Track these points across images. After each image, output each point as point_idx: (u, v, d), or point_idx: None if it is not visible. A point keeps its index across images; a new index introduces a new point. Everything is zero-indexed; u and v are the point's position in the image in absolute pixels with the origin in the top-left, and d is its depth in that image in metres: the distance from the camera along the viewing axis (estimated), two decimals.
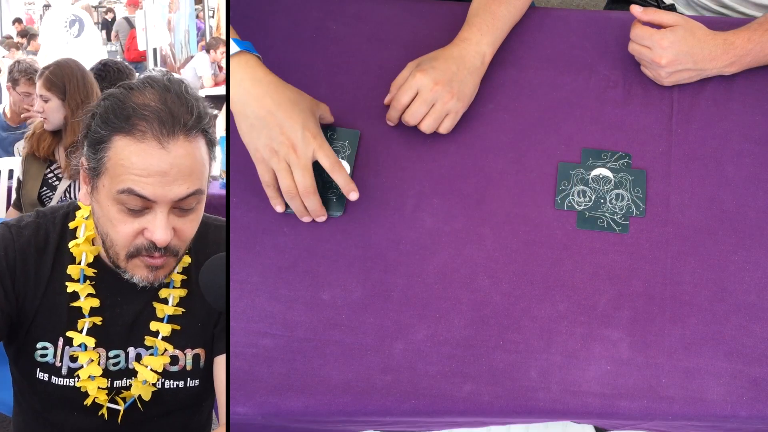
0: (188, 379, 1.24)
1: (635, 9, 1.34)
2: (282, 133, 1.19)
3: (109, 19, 11.52)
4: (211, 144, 1.12)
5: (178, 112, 1.07)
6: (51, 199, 2.62)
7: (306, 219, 1.28)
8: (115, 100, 1.09)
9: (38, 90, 2.63)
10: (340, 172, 1.23)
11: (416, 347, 1.21)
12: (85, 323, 1.19)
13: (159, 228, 1.08)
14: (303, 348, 1.22)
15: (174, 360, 1.22)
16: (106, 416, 1.21)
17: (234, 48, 1.19)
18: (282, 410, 1.19)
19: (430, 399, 1.18)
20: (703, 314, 1.22)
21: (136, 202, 1.07)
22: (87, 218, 1.20)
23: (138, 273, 1.13)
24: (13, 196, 2.83)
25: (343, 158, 1.30)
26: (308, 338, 1.23)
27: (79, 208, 1.22)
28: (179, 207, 1.09)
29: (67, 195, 2.61)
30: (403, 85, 1.30)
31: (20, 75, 3.32)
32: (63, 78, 2.60)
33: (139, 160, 1.06)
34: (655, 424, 1.20)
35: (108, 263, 1.19)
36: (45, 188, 2.64)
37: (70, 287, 1.18)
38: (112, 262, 1.14)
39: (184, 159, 1.07)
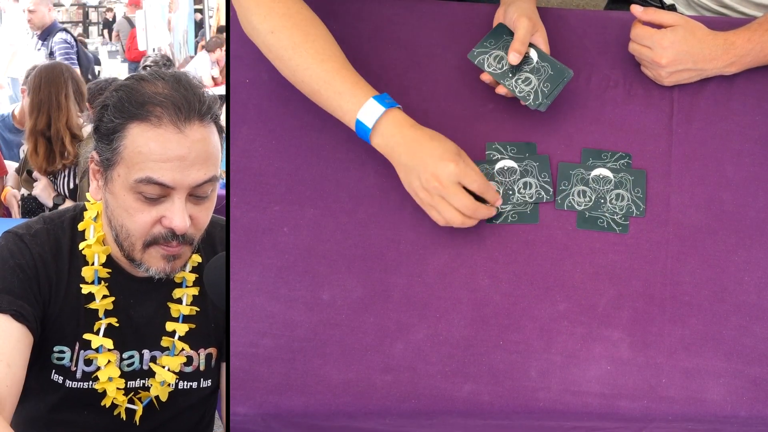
0: (201, 379, 1.24)
1: (636, 9, 1.34)
2: (426, 170, 1.19)
3: (110, 19, 11.52)
4: (221, 132, 1.14)
5: (191, 99, 1.09)
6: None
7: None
8: (127, 89, 1.11)
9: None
10: (489, 189, 1.23)
11: (416, 347, 1.21)
12: (101, 324, 1.19)
13: (177, 215, 1.09)
14: (303, 348, 1.22)
15: (188, 360, 1.23)
16: (123, 416, 1.21)
17: (380, 108, 1.22)
18: (282, 410, 1.19)
19: (430, 399, 1.18)
20: (703, 314, 1.22)
21: (154, 190, 1.08)
22: (95, 219, 1.20)
23: (154, 264, 1.13)
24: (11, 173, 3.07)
25: (546, 184, 1.31)
26: (308, 338, 1.23)
27: (85, 209, 1.22)
28: (195, 194, 1.11)
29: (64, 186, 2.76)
30: None
31: None
32: (31, 82, 2.86)
33: (157, 145, 1.07)
34: (655, 424, 1.20)
35: (120, 263, 1.20)
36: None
37: (85, 289, 1.18)
38: (127, 255, 1.14)
39: (201, 144, 1.09)
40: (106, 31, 10.77)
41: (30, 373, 1.24)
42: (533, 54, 1.32)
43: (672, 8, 1.64)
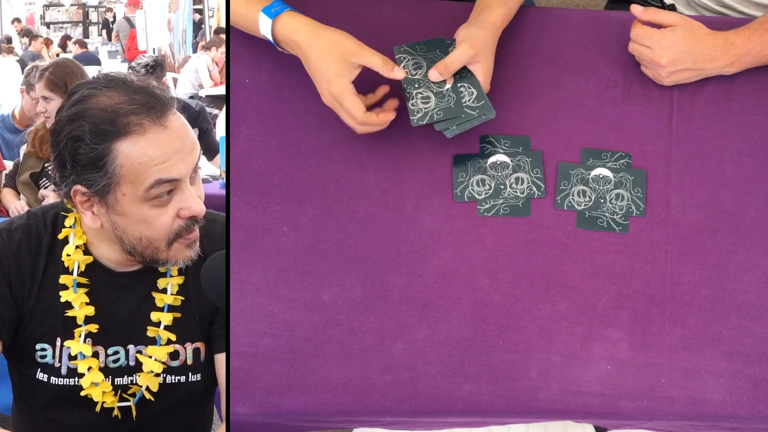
0: (189, 374, 1.24)
1: (635, 9, 1.34)
2: (322, 86, 1.26)
3: (110, 19, 11.52)
4: (182, 111, 1.16)
5: (151, 94, 1.11)
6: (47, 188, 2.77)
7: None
8: (91, 115, 1.08)
9: (40, 91, 2.74)
10: (386, 65, 1.26)
11: (416, 347, 1.21)
12: (81, 332, 1.19)
13: (192, 200, 1.12)
14: (303, 348, 1.22)
15: (174, 354, 1.23)
16: (120, 416, 1.21)
17: (267, 21, 1.28)
18: (282, 410, 1.19)
19: (430, 399, 1.18)
20: (703, 314, 1.22)
21: (164, 188, 1.10)
22: (73, 227, 1.20)
23: (180, 256, 1.16)
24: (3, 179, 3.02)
25: (538, 180, 1.31)
26: (308, 338, 1.23)
27: (67, 209, 1.21)
28: (191, 176, 1.14)
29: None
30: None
31: (36, 81, 3.33)
32: (63, 77, 2.73)
33: (154, 150, 1.08)
34: (655, 424, 1.20)
35: (102, 261, 1.20)
36: (45, 179, 2.73)
37: (64, 297, 1.18)
38: (150, 260, 1.15)
39: (183, 130, 1.12)
40: (105, 32, 10.76)
41: (17, 372, 1.24)
42: (449, 81, 1.29)
43: (672, 8, 1.64)
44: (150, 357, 1.20)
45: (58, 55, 8.68)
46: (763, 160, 1.32)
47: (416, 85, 1.29)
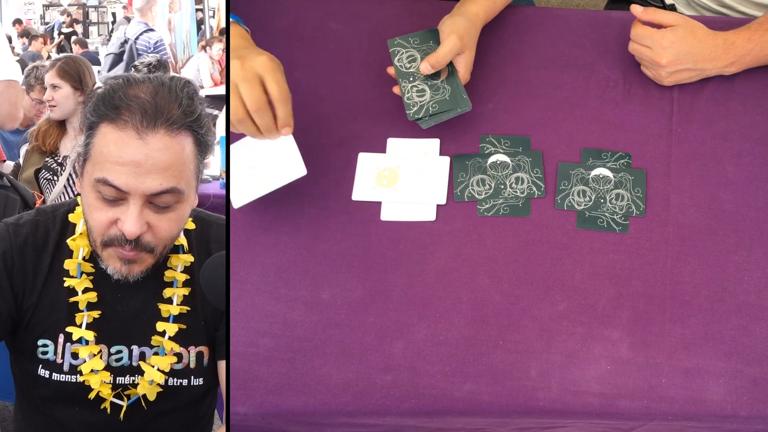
0: (192, 377, 1.24)
1: (635, 9, 1.34)
2: (239, 57, 1.16)
3: (67, 24, 11.47)
4: (200, 144, 1.12)
5: (164, 106, 1.08)
6: (48, 181, 2.75)
7: (260, 138, 1.19)
8: (109, 88, 1.12)
9: (49, 79, 2.79)
10: (285, 104, 1.16)
11: (416, 347, 1.21)
12: (83, 317, 1.19)
13: (129, 220, 1.09)
14: (303, 347, 1.22)
15: (178, 358, 1.23)
16: (109, 410, 1.21)
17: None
18: (282, 410, 1.19)
19: (430, 399, 1.18)
20: (703, 314, 1.22)
21: (110, 191, 1.08)
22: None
23: (112, 264, 1.14)
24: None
25: (538, 180, 1.31)
26: (308, 338, 1.23)
27: (77, 204, 1.23)
28: (154, 203, 1.10)
29: (68, 188, 2.69)
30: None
31: (36, 81, 3.34)
32: (76, 67, 2.78)
33: (116, 148, 1.07)
34: (655, 424, 1.20)
35: None
36: (44, 171, 2.75)
37: (68, 282, 1.19)
38: (93, 250, 1.16)
39: (162, 153, 1.07)
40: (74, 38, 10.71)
41: (19, 368, 1.24)
42: (443, 73, 1.31)
43: (672, 8, 1.64)
44: (153, 366, 1.20)
45: (59, 51, 8.68)
46: (763, 160, 1.32)
47: (410, 79, 1.31)
